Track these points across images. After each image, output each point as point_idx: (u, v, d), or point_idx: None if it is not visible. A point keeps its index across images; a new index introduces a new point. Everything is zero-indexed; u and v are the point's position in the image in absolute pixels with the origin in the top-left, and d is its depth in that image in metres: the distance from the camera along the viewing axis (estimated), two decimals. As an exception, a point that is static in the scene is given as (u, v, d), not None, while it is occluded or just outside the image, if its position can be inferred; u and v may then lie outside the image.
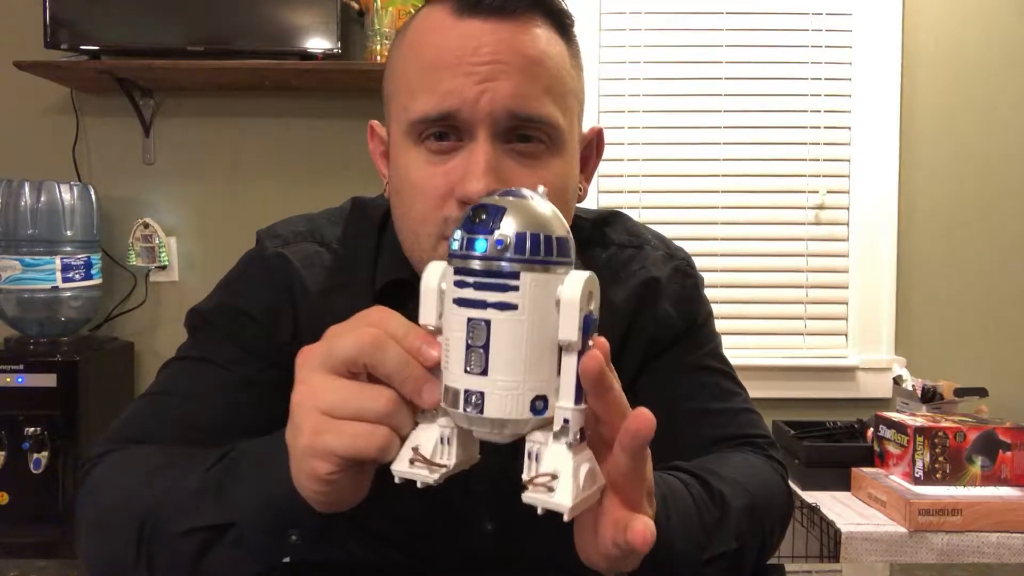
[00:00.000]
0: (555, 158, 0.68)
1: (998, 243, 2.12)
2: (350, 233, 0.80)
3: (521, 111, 0.65)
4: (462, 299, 0.44)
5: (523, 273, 0.43)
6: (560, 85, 0.68)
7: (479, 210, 0.45)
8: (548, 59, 0.67)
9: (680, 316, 0.81)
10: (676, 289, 0.82)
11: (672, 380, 0.80)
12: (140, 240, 2.07)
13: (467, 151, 0.65)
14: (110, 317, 2.11)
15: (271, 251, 0.77)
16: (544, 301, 0.44)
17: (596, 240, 0.84)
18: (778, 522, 0.75)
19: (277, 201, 2.11)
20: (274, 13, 1.93)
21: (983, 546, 1.51)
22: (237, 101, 2.10)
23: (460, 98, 0.64)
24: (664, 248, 0.85)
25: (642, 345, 0.80)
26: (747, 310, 2.11)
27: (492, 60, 0.64)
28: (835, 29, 2.10)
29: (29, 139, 2.10)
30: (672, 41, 2.11)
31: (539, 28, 0.67)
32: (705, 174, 2.11)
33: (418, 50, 0.68)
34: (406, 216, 0.69)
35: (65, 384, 1.74)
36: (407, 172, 0.68)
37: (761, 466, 0.77)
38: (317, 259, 0.77)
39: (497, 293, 0.43)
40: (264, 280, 0.76)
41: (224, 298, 0.77)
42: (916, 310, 2.12)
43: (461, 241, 0.45)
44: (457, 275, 0.44)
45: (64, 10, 1.90)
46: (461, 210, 0.65)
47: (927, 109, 2.10)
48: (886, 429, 1.72)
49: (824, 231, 2.12)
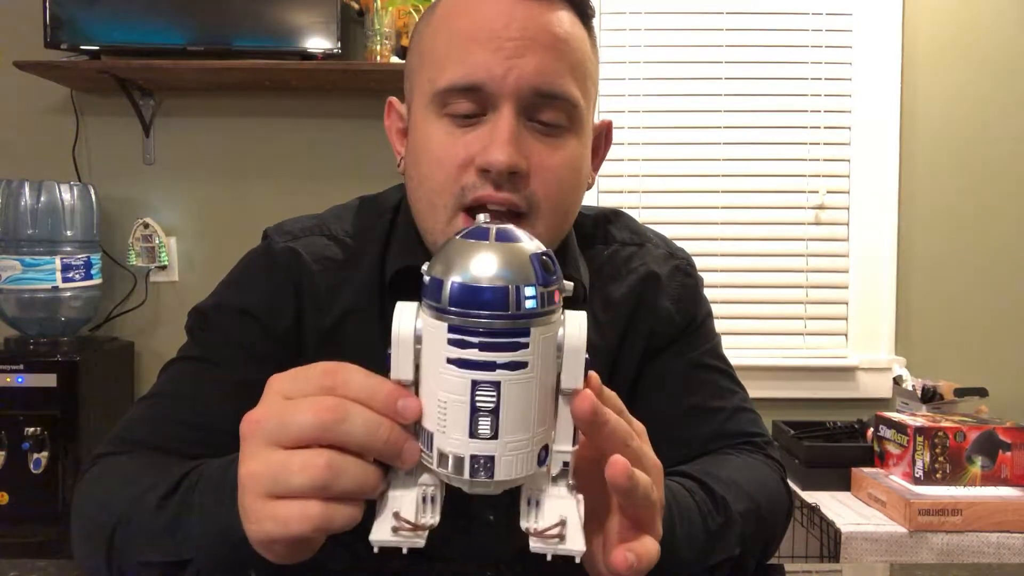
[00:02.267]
0: (573, 138, 0.70)
1: (998, 243, 2.12)
2: (359, 225, 0.80)
3: (545, 87, 0.67)
4: (464, 360, 0.40)
5: (533, 328, 0.40)
6: (582, 67, 0.70)
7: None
8: (573, 40, 0.69)
9: (679, 314, 0.82)
10: (676, 287, 0.83)
11: (671, 377, 0.81)
12: (140, 240, 2.07)
13: (491, 122, 0.67)
14: (110, 317, 2.11)
15: (280, 245, 0.77)
16: (549, 350, 0.41)
17: (599, 237, 0.85)
18: (779, 523, 0.76)
19: (277, 201, 2.11)
20: (274, 13, 1.93)
21: (983, 546, 1.51)
22: (237, 101, 2.10)
23: (488, 72, 0.66)
24: (665, 247, 0.86)
25: (642, 341, 0.81)
26: (747, 310, 2.11)
27: (520, 36, 0.66)
28: (835, 29, 2.10)
29: (29, 139, 2.10)
30: (672, 41, 2.11)
31: (564, 11, 0.70)
32: (705, 174, 2.11)
33: (449, 22, 0.70)
34: (423, 186, 0.70)
35: (65, 384, 1.74)
36: (427, 142, 0.69)
37: (760, 467, 0.77)
38: (327, 251, 0.77)
39: (508, 353, 0.40)
40: (267, 274, 0.76)
41: (224, 297, 0.77)
42: (916, 310, 2.12)
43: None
44: (454, 333, 0.40)
45: (64, 10, 1.90)
46: (480, 178, 0.66)
47: (927, 109, 2.10)
48: (886, 429, 1.72)
49: (824, 231, 2.12)
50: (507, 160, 0.64)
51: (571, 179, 0.71)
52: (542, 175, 0.67)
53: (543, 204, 0.68)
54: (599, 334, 0.79)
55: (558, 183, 0.69)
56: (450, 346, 0.40)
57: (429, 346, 0.41)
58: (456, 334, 0.40)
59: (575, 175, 0.71)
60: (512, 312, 0.39)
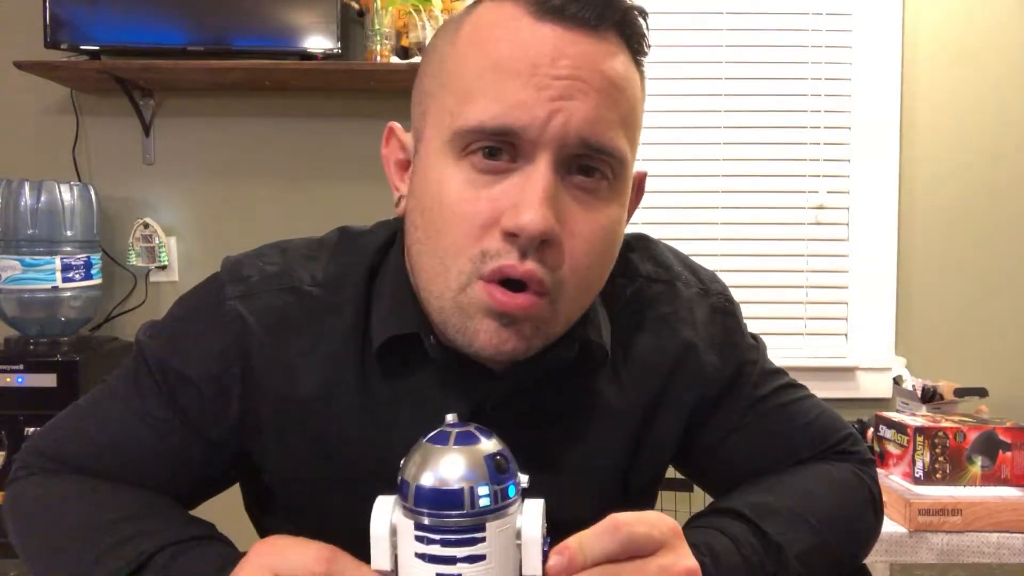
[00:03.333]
0: (614, 200, 0.60)
1: (998, 243, 2.12)
2: (334, 270, 0.68)
3: (594, 140, 0.56)
4: (428, 555, 0.45)
5: (488, 524, 0.44)
6: (633, 117, 0.60)
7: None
8: (628, 86, 0.59)
9: (726, 363, 0.73)
10: (719, 334, 0.73)
11: (736, 430, 0.73)
12: (140, 240, 2.07)
13: (522, 175, 0.56)
14: (110, 317, 2.11)
15: (229, 303, 0.66)
16: (507, 541, 0.45)
17: (619, 269, 0.69)
18: (857, 549, 0.71)
19: (277, 201, 2.11)
20: (274, 13, 1.93)
21: (983, 546, 1.51)
22: (237, 101, 2.10)
23: (529, 114, 0.55)
24: (697, 283, 0.76)
25: (686, 409, 0.72)
26: (747, 310, 2.07)
27: (571, 76, 0.55)
28: (835, 29, 2.10)
29: (29, 139, 2.10)
30: (672, 41, 2.11)
31: (621, 50, 0.59)
32: (705, 174, 2.11)
33: (482, 46, 0.58)
34: (432, 243, 0.58)
35: (65, 384, 1.74)
36: (442, 191, 0.57)
37: (840, 480, 0.72)
38: (287, 313, 0.66)
39: (466, 548, 0.44)
40: (216, 343, 0.66)
41: (171, 357, 0.67)
42: (916, 310, 2.12)
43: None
44: (420, 531, 0.45)
45: (64, 10, 1.90)
46: (505, 243, 0.55)
47: (927, 109, 2.10)
48: (886, 429, 1.72)
49: (824, 231, 2.12)
50: (542, 224, 0.54)
51: (607, 250, 0.61)
52: (576, 245, 0.57)
53: (569, 280, 0.58)
54: (620, 395, 0.69)
55: (591, 256, 0.59)
56: (416, 542, 0.45)
57: (402, 539, 0.46)
58: (421, 531, 0.45)
59: (612, 245, 0.61)
60: (467, 511, 0.44)
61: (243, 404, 0.66)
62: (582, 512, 0.63)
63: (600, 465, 0.69)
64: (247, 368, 0.65)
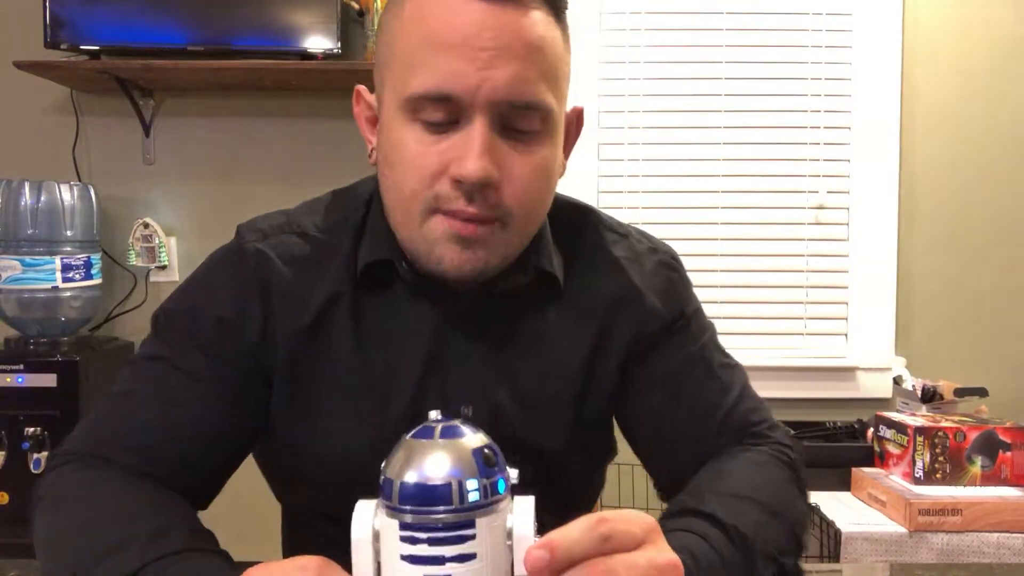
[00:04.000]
0: (546, 142, 0.70)
1: (998, 243, 2.11)
2: (331, 218, 0.80)
3: (519, 99, 0.67)
4: (415, 556, 0.42)
5: (478, 520, 0.43)
6: (555, 71, 0.70)
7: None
8: (546, 45, 0.68)
9: (667, 308, 0.81)
10: (661, 282, 0.82)
11: (665, 378, 0.80)
12: (140, 240, 2.07)
13: (464, 132, 0.66)
14: (110, 317, 2.11)
15: (250, 246, 0.76)
16: (498, 539, 0.44)
17: (578, 225, 0.84)
18: (799, 525, 0.75)
19: (277, 201, 2.07)
20: (274, 13, 1.93)
21: (983, 546, 1.51)
22: (237, 101, 2.10)
23: (462, 83, 0.65)
24: (648, 241, 0.86)
25: (624, 342, 0.79)
26: (747, 310, 2.11)
27: (493, 45, 0.65)
28: (835, 29, 2.10)
29: (29, 139, 2.10)
30: (672, 41, 2.11)
31: (538, 11, 0.68)
32: (705, 174, 2.11)
33: (420, 22, 0.67)
34: (395, 190, 0.71)
35: (65, 384, 1.74)
36: (399, 147, 0.69)
37: (771, 469, 0.76)
38: (296, 250, 0.77)
39: (455, 546, 0.42)
40: (237, 277, 0.75)
41: (193, 299, 0.76)
42: (916, 310, 2.11)
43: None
44: (405, 531, 0.42)
45: (64, 10, 1.90)
46: (454, 189, 0.66)
47: (927, 109, 2.10)
48: (886, 429, 1.72)
49: (824, 231, 2.12)
50: (480, 173, 0.65)
51: (543, 184, 0.72)
52: (514, 184, 0.68)
53: (515, 211, 0.69)
54: (576, 324, 0.79)
55: (530, 190, 0.70)
56: (402, 543, 0.42)
57: (386, 543, 0.43)
58: (407, 531, 0.42)
59: (547, 179, 0.72)
60: (456, 506, 0.42)
61: (263, 327, 0.74)
62: (543, 437, 0.77)
63: (554, 390, 0.78)
64: (265, 297, 0.74)
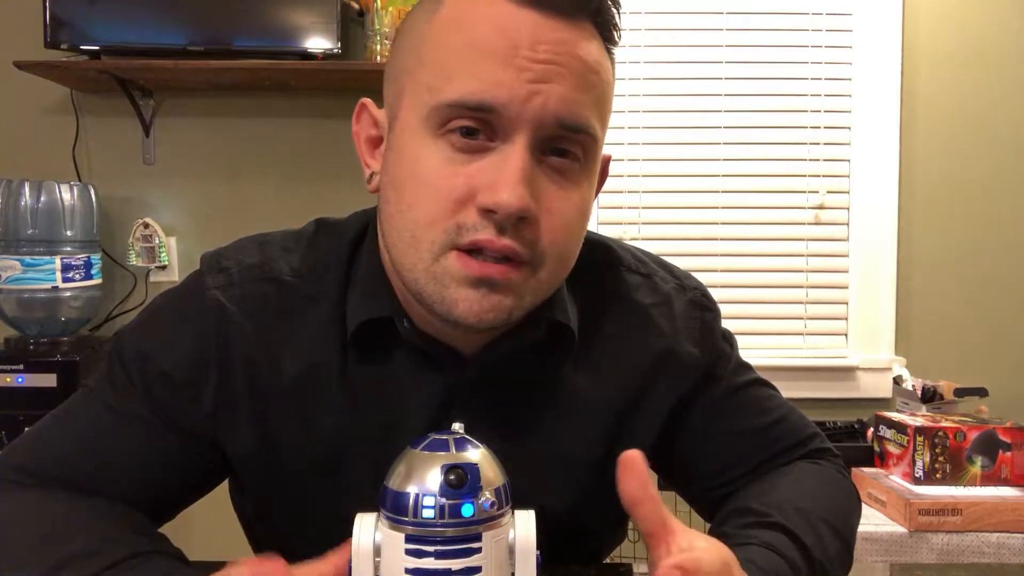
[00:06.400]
0: (584, 179, 0.62)
1: (999, 243, 2.11)
2: (312, 259, 0.69)
3: (570, 120, 0.58)
4: (421, 570, 0.42)
5: (484, 533, 0.42)
6: (605, 101, 0.63)
7: (437, 471, 0.42)
8: (601, 70, 0.61)
9: (705, 356, 0.76)
10: (696, 327, 0.76)
11: (714, 421, 0.76)
12: (140, 240, 2.07)
13: (500, 154, 0.57)
14: (110, 317, 2.11)
15: (210, 293, 0.67)
16: (502, 552, 0.44)
17: (598, 263, 0.75)
18: (853, 539, 0.75)
19: (277, 201, 2.11)
20: (274, 13, 1.93)
21: (983, 546, 1.51)
22: (237, 101, 2.10)
23: (508, 93, 0.56)
24: (673, 279, 0.78)
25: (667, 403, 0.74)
26: (747, 310, 2.11)
27: (550, 60, 0.57)
28: (835, 29, 2.10)
29: (29, 139, 2.10)
30: (672, 41, 2.11)
31: (595, 37, 0.62)
32: (705, 174, 2.11)
33: (461, 25, 0.59)
34: (405, 216, 0.59)
35: (65, 384, 1.74)
36: (418, 165, 0.59)
37: (829, 478, 0.76)
38: (267, 301, 0.67)
39: (462, 559, 0.42)
40: (195, 331, 0.66)
41: (144, 341, 0.68)
42: (916, 310, 2.11)
43: (415, 504, 0.42)
44: (411, 543, 0.42)
45: (64, 10, 1.90)
46: (482, 219, 0.57)
47: (927, 109, 2.10)
48: (886, 429, 1.72)
49: (824, 231, 2.12)
50: (519, 203, 0.56)
51: (580, 224, 0.63)
52: (554, 221, 0.59)
53: (549, 254, 0.60)
54: (596, 385, 0.71)
55: (567, 230, 0.61)
56: (407, 556, 0.42)
57: (388, 557, 0.43)
58: (413, 544, 0.42)
59: (584, 219, 0.64)
60: (463, 519, 0.42)
61: (218, 396, 0.66)
62: (558, 501, 0.68)
63: (574, 454, 0.71)
64: (225, 359, 0.66)
